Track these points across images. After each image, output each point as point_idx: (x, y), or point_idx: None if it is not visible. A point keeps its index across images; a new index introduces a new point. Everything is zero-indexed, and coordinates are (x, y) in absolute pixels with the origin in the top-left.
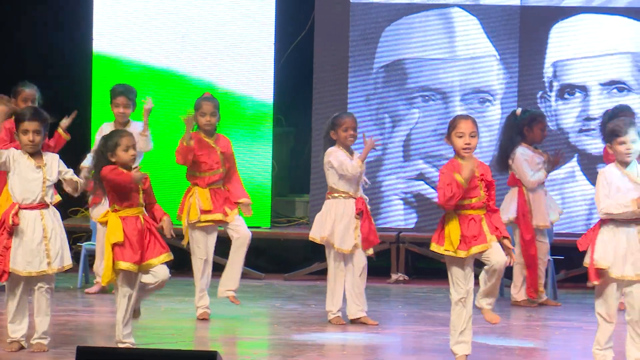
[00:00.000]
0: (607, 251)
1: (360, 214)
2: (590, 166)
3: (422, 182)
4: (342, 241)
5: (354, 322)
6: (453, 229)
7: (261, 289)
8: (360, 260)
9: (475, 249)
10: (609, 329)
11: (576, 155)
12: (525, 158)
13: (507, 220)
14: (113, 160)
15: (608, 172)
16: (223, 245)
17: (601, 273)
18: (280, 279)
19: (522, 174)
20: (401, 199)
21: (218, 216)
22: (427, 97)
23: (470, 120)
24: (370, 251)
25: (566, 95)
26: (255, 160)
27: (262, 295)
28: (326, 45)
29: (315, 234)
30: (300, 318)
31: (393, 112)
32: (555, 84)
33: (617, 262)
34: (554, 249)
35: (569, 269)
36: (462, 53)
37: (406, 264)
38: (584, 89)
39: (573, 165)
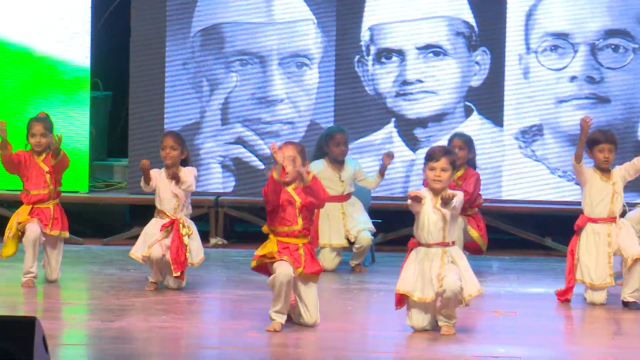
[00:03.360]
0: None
1: None
2: (408, 130)
3: (240, 146)
4: None
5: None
6: None
7: (80, 254)
8: None
9: None
10: None
11: (394, 119)
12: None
13: None
14: None
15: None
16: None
17: None
18: (99, 244)
19: None
20: (219, 163)
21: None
22: (245, 62)
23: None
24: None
25: (383, 59)
26: (73, 125)
27: (81, 260)
28: (143, 9)
29: None
30: (118, 283)
31: (211, 76)
32: (372, 48)
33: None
34: (373, 213)
35: (387, 233)
36: (279, 17)
37: (225, 228)
38: (400, 53)
39: (390, 129)
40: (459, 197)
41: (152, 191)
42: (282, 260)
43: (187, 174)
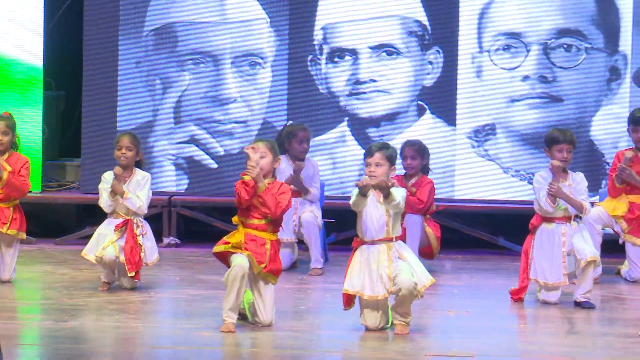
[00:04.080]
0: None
1: None
2: (361, 129)
3: (193, 145)
4: None
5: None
6: None
7: (33, 254)
8: None
9: None
10: None
11: (347, 118)
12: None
13: None
14: None
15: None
16: None
17: None
18: (52, 244)
19: None
20: (172, 163)
21: None
22: (198, 61)
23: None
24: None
25: (336, 59)
26: (26, 124)
27: (34, 260)
28: (96, 8)
29: None
30: (72, 283)
31: (164, 76)
32: (325, 47)
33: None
34: (326, 212)
35: (340, 232)
36: (232, 16)
37: (178, 227)
38: (353, 53)
39: (343, 128)
40: (401, 193)
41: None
42: (241, 254)
43: (142, 194)
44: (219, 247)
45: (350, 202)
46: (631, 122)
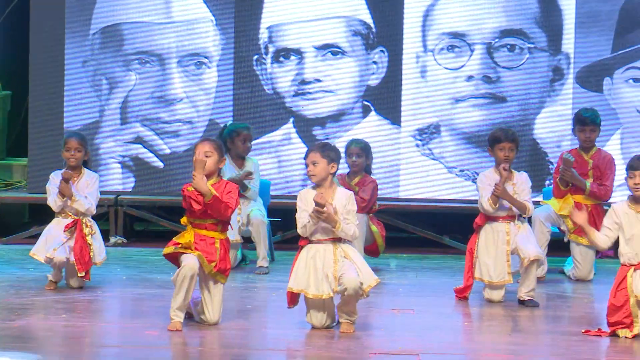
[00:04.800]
0: None
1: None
2: (306, 129)
3: (139, 145)
4: None
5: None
6: None
7: None
8: None
9: None
10: None
11: (292, 118)
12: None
13: None
14: None
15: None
16: None
17: None
18: None
19: None
20: (119, 163)
21: None
22: (144, 61)
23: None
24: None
25: (281, 59)
26: None
27: None
28: (42, 8)
29: None
30: (19, 282)
31: (110, 75)
32: (270, 47)
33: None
34: (272, 211)
35: (285, 231)
36: (178, 17)
37: (124, 226)
38: (299, 53)
39: (289, 128)
40: (352, 228)
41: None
42: (192, 254)
43: (90, 195)
44: (168, 249)
45: (300, 230)
46: (577, 122)
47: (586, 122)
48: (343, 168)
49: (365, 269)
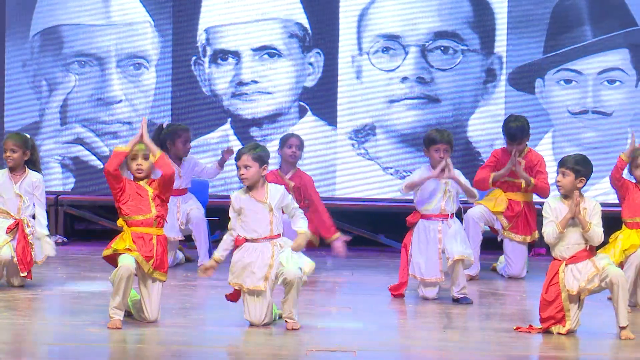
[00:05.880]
0: None
1: None
2: (243, 129)
3: (79, 145)
4: None
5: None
6: None
7: None
8: None
9: None
10: None
11: (230, 119)
12: None
13: None
14: None
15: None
16: None
17: None
18: None
19: None
20: (59, 163)
21: None
22: (83, 63)
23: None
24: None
25: (219, 61)
26: None
27: None
28: None
29: None
30: None
31: (50, 77)
32: (208, 49)
33: None
34: (210, 211)
35: (223, 230)
36: (117, 19)
37: (65, 226)
38: (236, 54)
39: (226, 128)
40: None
41: None
42: (130, 255)
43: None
44: (107, 251)
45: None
46: (507, 135)
47: (515, 138)
48: (274, 163)
49: (302, 258)
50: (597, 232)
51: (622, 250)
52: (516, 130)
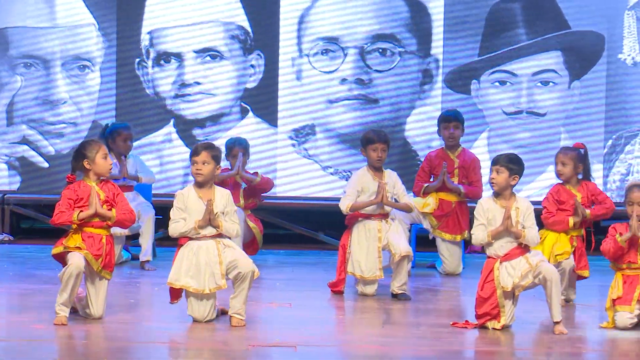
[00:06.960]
0: None
1: None
2: (186, 130)
3: (25, 145)
4: None
5: None
6: None
7: None
8: None
9: None
10: None
11: (173, 119)
12: None
13: None
14: None
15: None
16: None
17: None
18: None
19: None
20: (5, 163)
21: None
22: (29, 64)
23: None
24: None
25: (162, 62)
26: None
27: None
28: None
29: None
30: None
31: None
32: (152, 51)
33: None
34: (159, 210)
35: (166, 228)
36: (62, 21)
37: (11, 224)
38: (179, 56)
39: (170, 129)
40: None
41: None
42: (79, 253)
43: None
44: (57, 249)
45: (173, 232)
46: (441, 120)
47: (449, 119)
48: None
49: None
50: (532, 235)
51: (555, 255)
52: (450, 112)
